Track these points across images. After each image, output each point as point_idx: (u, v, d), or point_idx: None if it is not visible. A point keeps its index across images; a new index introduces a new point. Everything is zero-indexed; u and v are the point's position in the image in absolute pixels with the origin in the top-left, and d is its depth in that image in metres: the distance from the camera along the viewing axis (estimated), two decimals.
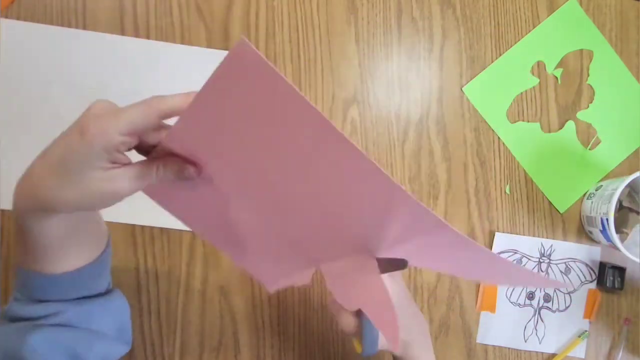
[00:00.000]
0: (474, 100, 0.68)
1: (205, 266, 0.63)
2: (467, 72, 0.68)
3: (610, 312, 0.68)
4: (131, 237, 0.62)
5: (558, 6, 0.69)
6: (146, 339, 0.62)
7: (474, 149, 0.68)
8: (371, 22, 0.67)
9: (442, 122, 0.67)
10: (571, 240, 0.68)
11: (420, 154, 0.67)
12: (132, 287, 0.62)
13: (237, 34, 0.65)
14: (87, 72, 0.62)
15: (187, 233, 0.63)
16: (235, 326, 0.63)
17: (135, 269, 0.62)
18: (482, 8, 0.69)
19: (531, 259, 0.67)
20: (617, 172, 0.69)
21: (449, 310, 0.66)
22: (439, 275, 0.66)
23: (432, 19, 0.68)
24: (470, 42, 0.69)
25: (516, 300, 0.67)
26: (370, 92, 0.67)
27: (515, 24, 0.69)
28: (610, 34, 0.70)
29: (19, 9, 0.62)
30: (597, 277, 0.68)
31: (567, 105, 0.69)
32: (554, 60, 0.69)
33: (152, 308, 0.63)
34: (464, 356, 0.66)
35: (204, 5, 0.65)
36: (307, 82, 0.66)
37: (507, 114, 0.68)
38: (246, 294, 0.64)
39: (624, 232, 0.66)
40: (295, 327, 0.64)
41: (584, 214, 0.67)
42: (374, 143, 0.66)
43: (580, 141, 0.69)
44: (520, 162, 0.68)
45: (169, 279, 0.63)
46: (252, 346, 0.64)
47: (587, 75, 0.70)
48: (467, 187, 0.67)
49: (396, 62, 0.68)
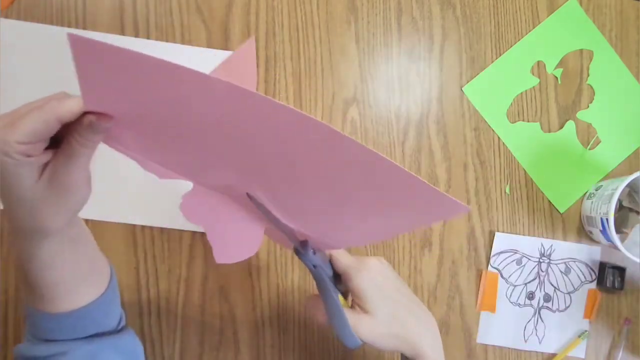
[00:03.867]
0: (474, 100, 0.68)
1: (205, 266, 0.63)
2: (467, 72, 0.68)
3: (610, 312, 0.68)
4: (131, 237, 0.62)
5: (558, 6, 0.70)
6: (146, 339, 0.62)
7: (474, 149, 0.68)
8: (371, 22, 0.67)
9: (442, 122, 0.67)
10: (571, 240, 0.68)
11: (420, 154, 0.67)
12: (132, 287, 0.62)
13: (237, 34, 0.65)
14: None
15: (187, 233, 0.63)
16: (235, 326, 0.63)
17: (135, 269, 0.62)
18: (482, 8, 0.69)
19: (531, 259, 0.67)
20: (617, 172, 0.69)
21: (449, 310, 0.66)
22: (439, 275, 0.66)
23: (432, 19, 0.68)
24: (470, 42, 0.69)
25: (516, 300, 0.67)
26: (370, 92, 0.67)
27: (515, 24, 0.69)
28: (610, 34, 0.70)
29: (19, 9, 0.62)
30: (597, 277, 0.68)
31: (567, 105, 0.69)
32: (554, 60, 0.69)
33: (152, 308, 0.63)
34: (464, 356, 0.66)
35: (204, 5, 0.65)
36: (307, 82, 0.66)
37: (507, 114, 0.68)
38: (246, 294, 0.64)
39: (624, 232, 0.66)
40: (295, 327, 0.64)
41: (584, 214, 0.67)
42: (374, 143, 0.66)
43: (580, 141, 0.69)
44: (520, 162, 0.68)
45: (169, 279, 0.63)
46: (252, 346, 0.64)
47: (587, 75, 0.70)
48: (467, 187, 0.67)
49: (396, 62, 0.68)
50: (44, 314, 0.40)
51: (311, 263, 0.46)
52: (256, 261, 0.64)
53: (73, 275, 0.40)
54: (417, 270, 0.66)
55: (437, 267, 0.66)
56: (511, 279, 0.67)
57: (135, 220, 0.63)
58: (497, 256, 0.67)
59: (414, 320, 0.48)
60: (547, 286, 0.67)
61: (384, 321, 0.46)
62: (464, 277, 0.66)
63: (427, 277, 0.66)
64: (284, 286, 0.64)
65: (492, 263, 0.67)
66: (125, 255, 0.62)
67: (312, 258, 0.45)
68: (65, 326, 0.41)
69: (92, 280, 0.43)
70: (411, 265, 0.66)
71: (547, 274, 0.67)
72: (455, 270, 0.66)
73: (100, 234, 0.62)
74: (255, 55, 0.65)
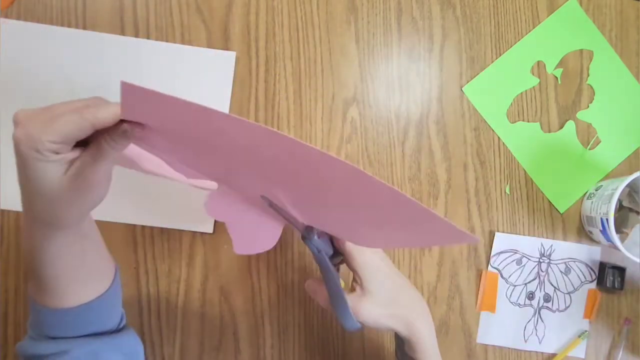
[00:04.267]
0: (474, 100, 0.68)
1: (205, 266, 0.63)
2: (467, 72, 0.68)
3: (610, 312, 0.68)
4: (131, 237, 0.62)
5: (558, 6, 0.70)
6: (146, 339, 0.62)
7: (474, 149, 0.68)
8: (371, 22, 0.67)
9: (442, 121, 0.67)
10: (571, 240, 0.68)
11: (420, 154, 0.67)
12: (132, 288, 0.62)
13: (237, 34, 0.65)
14: (87, 72, 0.62)
15: (187, 233, 0.63)
16: (235, 326, 0.63)
17: (135, 269, 0.62)
18: (482, 8, 0.69)
19: (531, 259, 0.67)
20: (617, 172, 0.69)
21: (449, 310, 0.66)
22: (439, 275, 0.66)
23: (432, 19, 0.68)
24: (470, 42, 0.69)
25: (516, 300, 0.67)
26: (370, 92, 0.67)
27: (515, 24, 0.69)
28: (610, 34, 0.70)
29: (19, 9, 0.62)
30: (597, 277, 0.68)
31: (567, 105, 0.69)
32: (554, 60, 0.69)
33: (152, 308, 0.63)
34: (464, 356, 0.66)
35: (204, 5, 0.65)
36: (307, 82, 0.66)
37: (507, 114, 0.68)
38: (246, 294, 0.64)
39: (624, 232, 0.66)
40: (295, 327, 0.64)
41: (584, 214, 0.67)
42: (374, 143, 0.66)
43: (580, 141, 0.69)
44: (520, 162, 0.68)
45: (169, 279, 0.63)
46: (252, 346, 0.64)
47: (587, 75, 0.70)
48: (467, 187, 0.67)
49: (396, 62, 0.68)
50: (48, 309, 0.41)
51: (316, 247, 0.47)
52: (256, 261, 0.64)
53: (80, 270, 0.41)
54: (417, 270, 0.66)
55: (437, 267, 0.66)
56: (511, 279, 0.67)
57: (135, 220, 0.63)
58: (497, 256, 0.67)
59: (410, 302, 0.49)
60: (547, 286, 0.67)
61: (383, 300, 0.48)
62: (464, 277, 0.66)
63: (427, 277, 0.66)
64: (284, 286, 0.64)
65: (492, 263, 0.67)
66: (125, 255, 0.62)
67: (317, 242, 0.47)
68: (68, 322, 0.41)
69: (97, 277, 0.43)
70: (411, 265, 0.66)
71: (547, 274, 0.67)
72: (455, 270, 0.66)
73: (100, 234, 0.62)
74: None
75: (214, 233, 0.63)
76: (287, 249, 0.64)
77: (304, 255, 0.65)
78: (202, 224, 0.63)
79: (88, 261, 0.42)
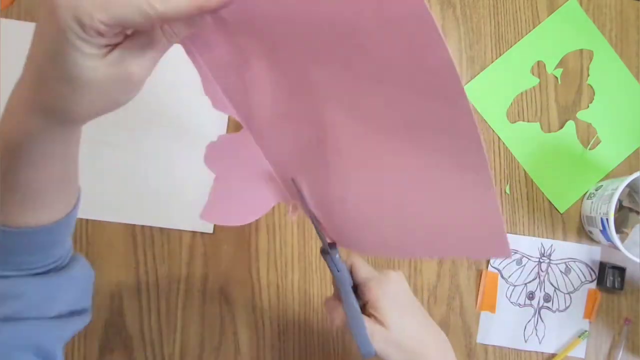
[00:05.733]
0: (473, 100, 0.68)
1: (205, 266, 0.63)
2: (467, 72, 0.68)
3: (610, 312, 0.68)
4: (131, 237, 0.63)
5: (558, 6, 0.70)
6: (146, 339, 0.62)
7: None
8: None
9: None
10: (571, 240, 0.68)
11: None
12: (132, 287, 0.62)
13: None
14: None
15: (187, 233, 0.63)
16: (235, 326, 0.63)
17: (135, 269, 0.62)
18: (482, 8, 0.69)
19: (531, 259, 0.67)
20: (617, 172, 0.69)
21: (449, 310, 0.66)
22: (439, 275, 0.66)
23: None
24: (470, 42, 0.69)
25: (516, 300, 0.67)
26: None
27: (515, 24, 0.69)
28: (610, 34, 0.70)
29: (19, 9, 0.62)
30: (597, 277, 0.68)
31: (567, 105, 0.69)
32: (554, 60, 0.69)
33: (152, 308, 0.63)
34: (464, 356, 0.66)
35: None
36: None
37: (507, 114, 0.68)
38: (246, 294, 0.64)
39: (624, 232, 0.66)
40: (295, 327, 0.64)
41: (584, 214, 0.67)
42: None
43: (580, 141, 0.69)
44: (520, 162, 0.68)
45: (169, 279, 0.63)
46: (252, 346, 0.64)
47: (587, 75, 0.70)
48: None
49: None
50: (10, 229, 0.35)
51: (336, 266, 0.46)
52: (256, 261, 0.64)
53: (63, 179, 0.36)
54: (417, 270, 0.66)
55: (437, 267, 0.66)
56: (511, 279, 0.67)
57: (135, 220, 0.63)
58: None
59: (429, 338, 0.47)
60: (547, 286, 0.67)
61: (399, 334, 0.45)
62: (464, 277, 0.66)
63: (427, 277, 0.66)
64: (284, 286, 0.64)
65: (492, 263, 0.67)
66: (125, 255, 0.62)
67: (338, 262, 0.46)
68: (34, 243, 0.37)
69: (71, 192, 0.39)
70: (411, 265, 0.66)
71: (547, 274, 0.67)
72: (455, 270, 0.66)
73: (100, 234, 0.62)
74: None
75: (214, 233, 0.63)
76: (287, 249, 0.64)
77: (304, 256, 0.65)
78: (202, 224, 0.63)
79: (70, 172, 0.37)
